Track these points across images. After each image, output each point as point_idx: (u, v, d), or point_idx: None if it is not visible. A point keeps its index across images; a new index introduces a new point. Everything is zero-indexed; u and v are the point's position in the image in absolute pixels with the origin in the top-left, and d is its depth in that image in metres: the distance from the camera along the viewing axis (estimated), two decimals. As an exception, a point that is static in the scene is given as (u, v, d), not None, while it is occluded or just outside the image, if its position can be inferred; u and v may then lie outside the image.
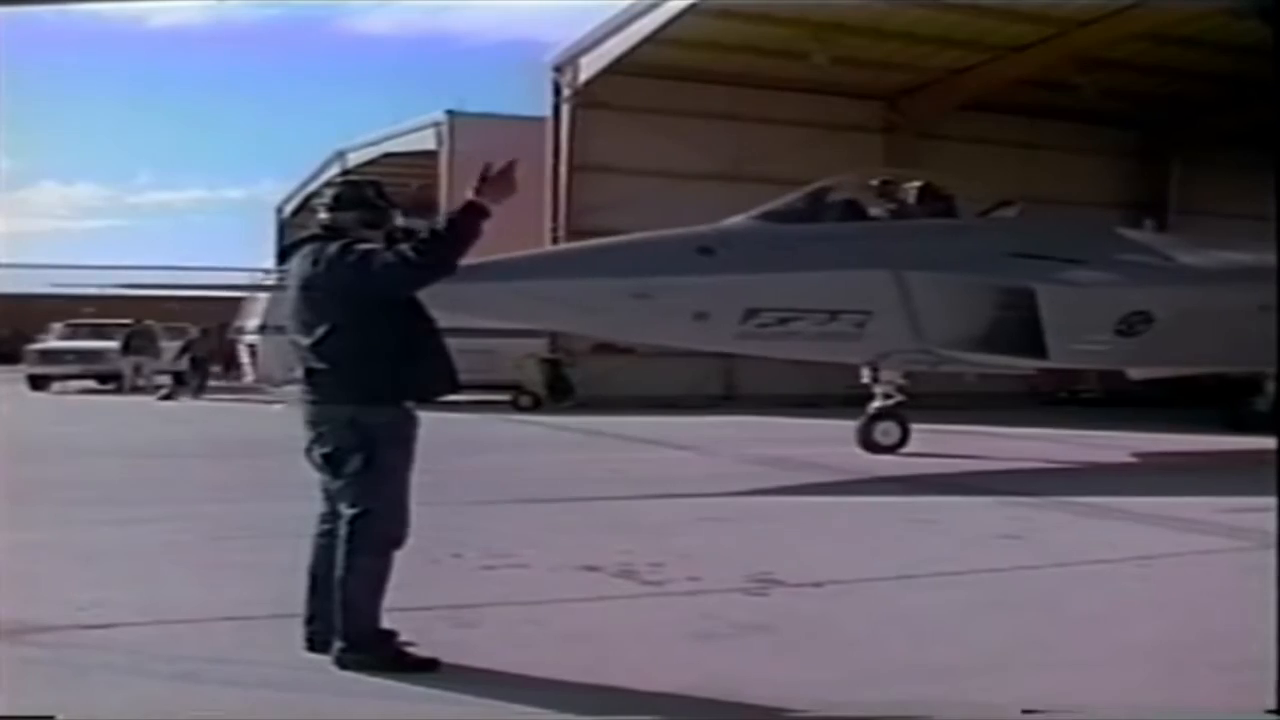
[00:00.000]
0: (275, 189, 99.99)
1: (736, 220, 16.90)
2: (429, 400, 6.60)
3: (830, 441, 17.16)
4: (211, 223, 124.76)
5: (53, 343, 39.51)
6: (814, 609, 8.09)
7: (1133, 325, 17.39)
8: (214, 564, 9.49)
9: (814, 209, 17.33)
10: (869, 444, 17.63)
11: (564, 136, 30.63)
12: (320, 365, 6.44)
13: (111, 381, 38.00)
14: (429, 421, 6.59)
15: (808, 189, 17.51)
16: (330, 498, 6.56)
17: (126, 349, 37.53)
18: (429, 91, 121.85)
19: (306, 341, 6.49)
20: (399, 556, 6.45)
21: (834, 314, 16.49)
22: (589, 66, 30.39)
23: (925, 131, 32.04)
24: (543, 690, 6.08)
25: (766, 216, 17.02)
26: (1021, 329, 16.98)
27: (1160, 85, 31.25)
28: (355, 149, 45.71)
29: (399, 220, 6.78)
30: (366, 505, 6.32)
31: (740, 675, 6.36)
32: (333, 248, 6.45)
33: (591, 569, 9.04)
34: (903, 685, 6.25)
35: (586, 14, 30.18)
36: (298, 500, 7.20)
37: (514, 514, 12.01)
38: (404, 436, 6.47)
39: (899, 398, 17.75)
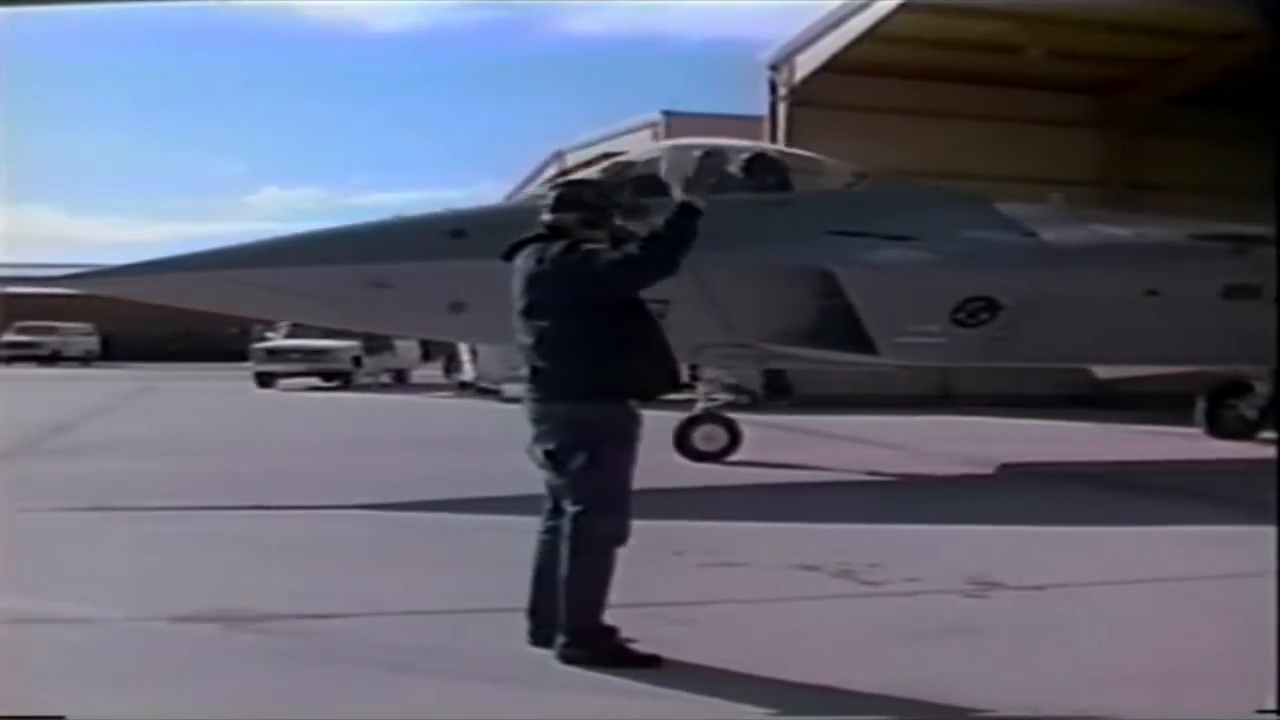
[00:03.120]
0: (491, 189, 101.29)
1: (512, 200, 15.52)
2: (651, 398, 6.69)
3: (1044, 442, 16.79)
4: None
5: (279, 341, 40.59)
6: (1035, 612, 8.03)
7: (974, 314, 15.22)
8: (434, 557, 9.76)
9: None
10: (687, 449, 15.93)
11: (780, 136, 30.54)
12: (544, 363, 6.58)
13: (336, 379, 38.98)
14: (646, 419, 6.69)
15: (605, 164, 15.85)
16: (554, 494, 6.68)
17: (368, 348, 38.62)
18: (644, 91, 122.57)
19: (531, 340, 6.64)
20: (620, 553, 6.54)
21: None
22: (805, 65, 30.22)
23: (1137, 125, 31.33)
24: (761, 689, 6.12)
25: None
26: (848, 320, 15.02)
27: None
28: (573, 149, 46.02)
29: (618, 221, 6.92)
30: (590, 502, 6.43)
31: (956, 678, 6.33)
32: (556, 247, 6.60)
33: (809, 568, 9.06)
34: (1109, 693, 6.16)
35: (801, 11, 30.13)
36: (511, 495, 7.34)
37: (732, 512, 12.00)
38: (627, 434, 6.57)
39: (725, 397, 16.30)
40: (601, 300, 6.53)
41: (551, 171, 45.27)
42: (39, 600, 7.98)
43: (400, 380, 43.07)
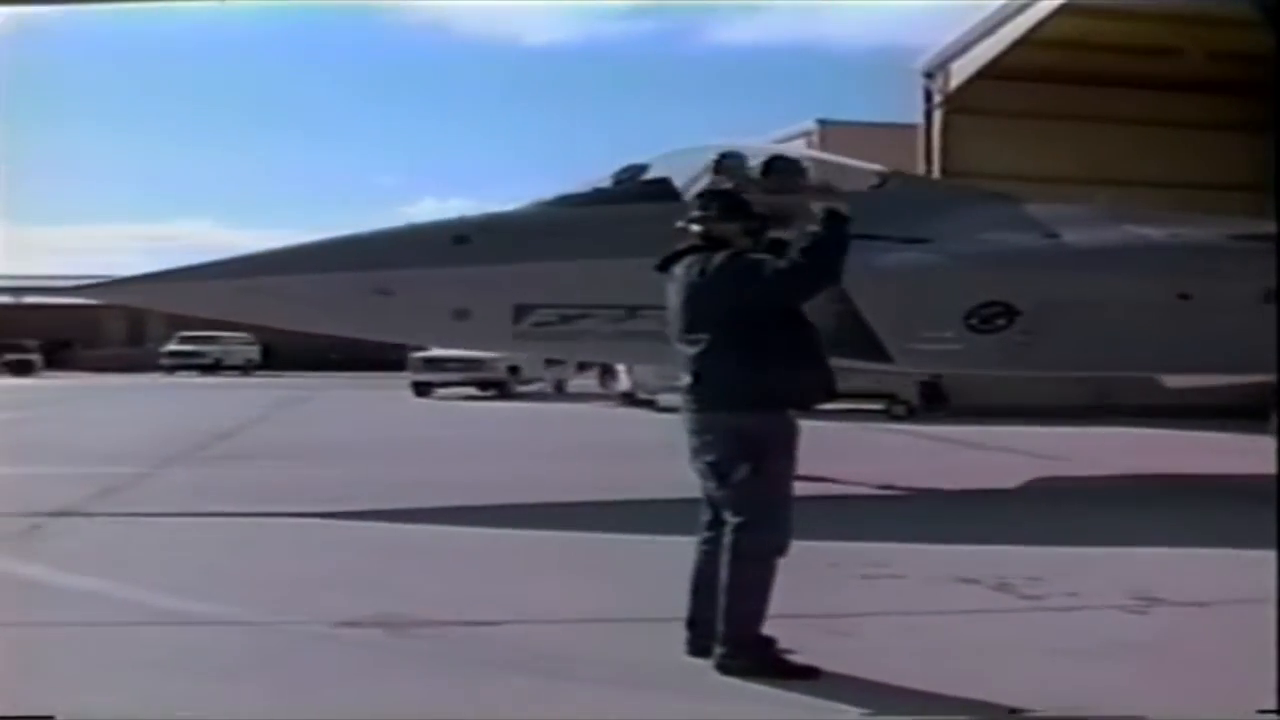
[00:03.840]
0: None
1: (519, 206, 15.29)
2: (809, 407, 6.69)
3: (1199, 452, 16.35)
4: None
5: (437, 351, 40.94)
6: (1198, 629, 7.89)
7: (989, 320, 14.47)
8: (591, 564, 9.83)
9: (616, 191, 14.97)
10: None
11: (935, 143, 30.34)
12: (705, 373, 6.59)
13: (492, 388, 39.28)
14: (803, 429, 6.68)
15: (620, 168, 15.38)
16: (714, 505, 6.68)
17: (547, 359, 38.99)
18: (799, 100, 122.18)
19: (691, 350, 6.65)
20: (778, 563, 6.53)
21: (631, 310, 14.03)
22: (960, 71, 30.00)
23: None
24: (917, 701, 6.10)
25: (559, 201, 14.98)
26: (861, 325, 14.24)
27: None
28: (729, 159, 46.01)
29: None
30: (752, 513, 6.42)
31: (1119, 693, 6.26)
32: (719, 257, 6.61)
33: (968, 581, 9.00)
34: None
35: (957, 14, 29.91)
36: (668, 503, 7.34)
37: (888, 523, 11.92)
38: (788, 444, 6.58)
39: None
40: (764, 310, 6.54)
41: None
42: (204, 604, 8.23)
43: (558, 390, 43.32)
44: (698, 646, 6.64)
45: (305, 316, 15.42)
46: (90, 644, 7.32)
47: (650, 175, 14.93)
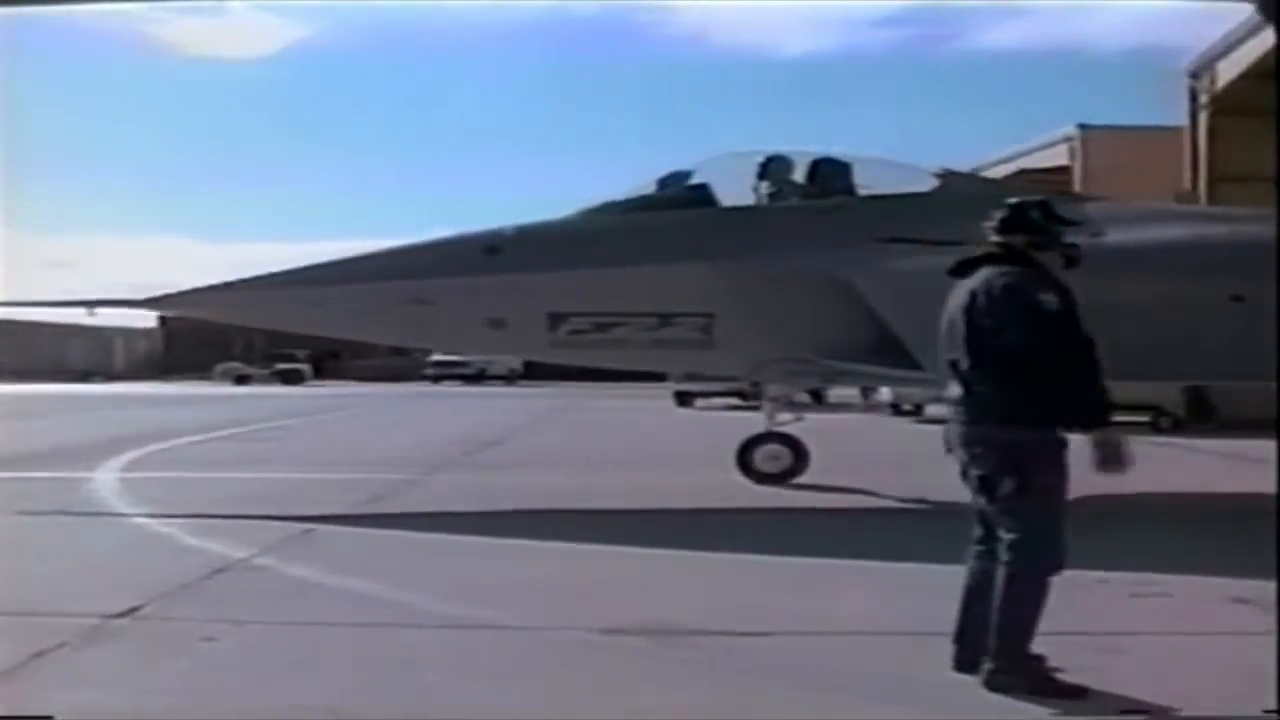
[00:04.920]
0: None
1: (561, 216, 15.16)
2: (1081, 424, 6.55)
3: None
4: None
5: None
6: None
7: None
8: (858, 577, 9.81)
9: (658, 197, 15.04)
10: (749, 469, 15.61)
11: (1201, 146, 29.46)
12: (977, 386, 6.56)
13: (754, 398, 39.23)
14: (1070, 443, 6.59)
15: (666, 174, 15.26)
16: (984, 520, 6.67)
17: None
18: (1061, 103, 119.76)
19: (964, 364, 6.63)
20: (1045, 580, 6.48)
21: (665, 318, 14.43)
22: (1227, 71, 29.05)
23: None
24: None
25: (603, 208, 15.05)
26: (888, 332, 13.76)
27: None
28: (990, 165, 45.39)
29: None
30: (1025, 530, 6.37)
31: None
32: (1011, 277, 6.58)
33: (1240, 601, 8.77)
34: None
35: (1223, 11, 28.98)
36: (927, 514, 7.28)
37: (1157, 539, 11.68)
38: (1058, 460, 6.48)
39: (793, 416, 15.79)
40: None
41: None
42: (469, 608, 8.55)
43: (817, 400, 43.12)
44: (964, 662, 6.63)
45: (349, 325, 15.98)
46: (357, 644, 7.65)
47: (692, 181, 15.06)
